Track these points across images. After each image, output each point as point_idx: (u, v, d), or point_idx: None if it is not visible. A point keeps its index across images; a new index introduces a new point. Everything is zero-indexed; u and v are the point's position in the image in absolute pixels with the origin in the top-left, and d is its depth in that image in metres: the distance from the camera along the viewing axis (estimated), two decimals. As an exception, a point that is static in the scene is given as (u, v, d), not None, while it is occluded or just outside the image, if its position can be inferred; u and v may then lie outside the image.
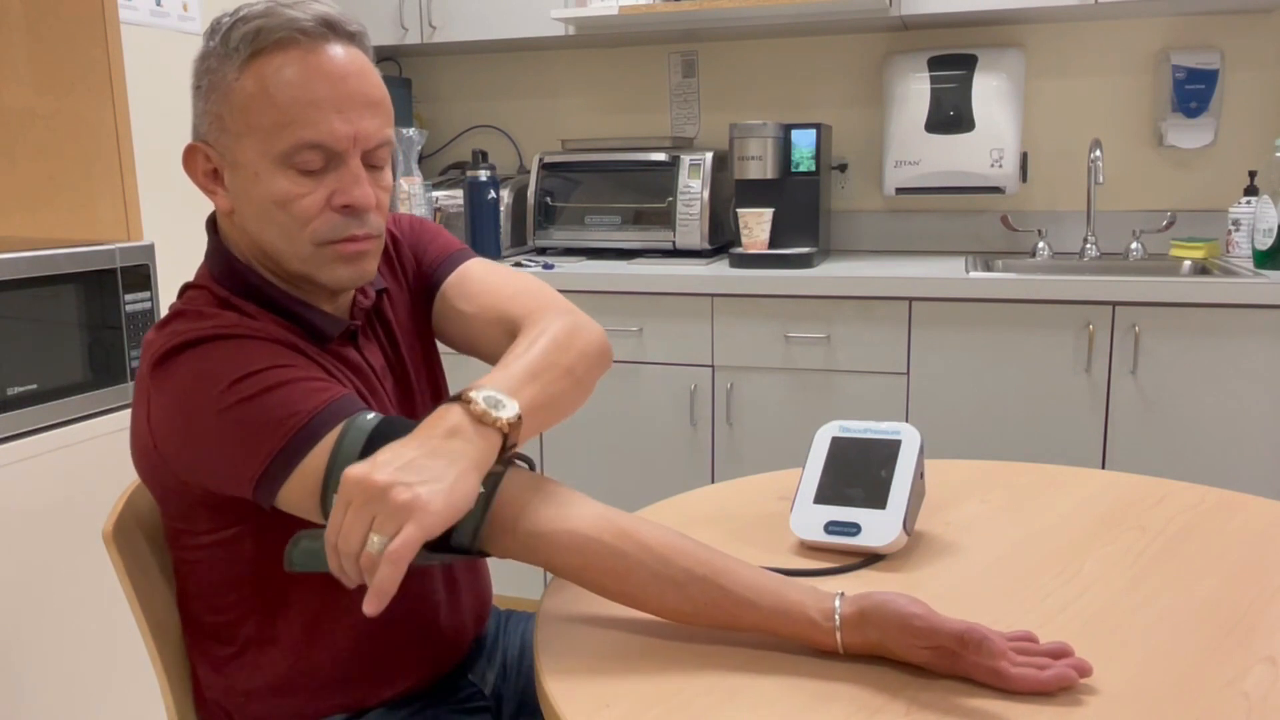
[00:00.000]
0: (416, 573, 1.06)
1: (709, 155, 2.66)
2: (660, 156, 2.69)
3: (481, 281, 1.13)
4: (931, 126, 2.61)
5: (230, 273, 1.01)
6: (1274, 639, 0.89)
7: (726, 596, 0.88)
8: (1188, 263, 2.49)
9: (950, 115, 2.60)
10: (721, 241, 2.75)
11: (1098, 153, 2.54)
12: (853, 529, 1.08)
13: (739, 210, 2.56)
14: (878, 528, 1.08)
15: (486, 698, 1.14)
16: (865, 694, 0.81)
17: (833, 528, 1.09)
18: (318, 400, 0.91)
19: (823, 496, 1.12)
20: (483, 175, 2.68)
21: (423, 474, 0.81)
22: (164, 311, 1.99)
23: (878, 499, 1.09)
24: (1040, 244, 2.64)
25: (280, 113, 0.93)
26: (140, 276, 1.80)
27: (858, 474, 1.12)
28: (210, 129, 0.97)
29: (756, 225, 2.53)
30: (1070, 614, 0.95)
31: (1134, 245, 2.59)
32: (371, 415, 0.91)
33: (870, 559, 1.08)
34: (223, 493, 0.94)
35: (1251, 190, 2.49)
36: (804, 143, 2.56)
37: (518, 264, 2.63)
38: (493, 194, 2.70)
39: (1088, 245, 2.62)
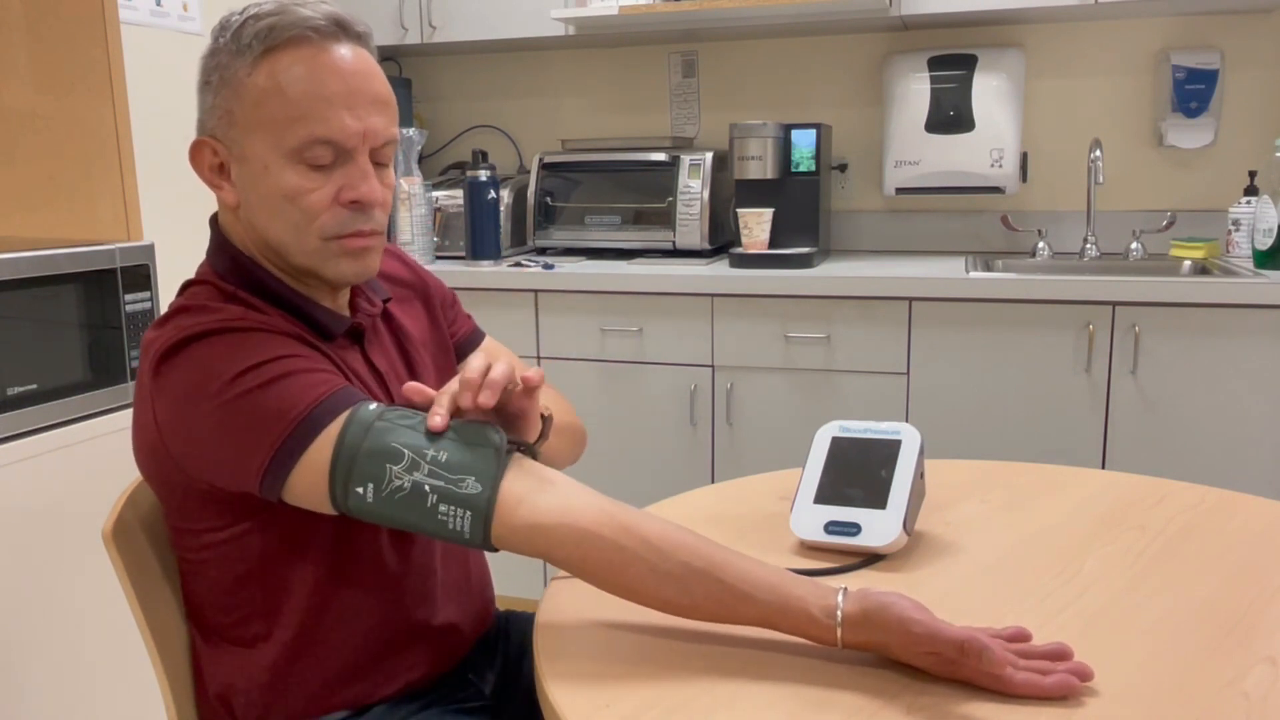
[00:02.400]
0: (420, 572, 1.07)
1: (709, 155, 2.66)
2: (660, 156, 2.69)
3: (504, 353, 1.31)
4: (931, 126, 2.61)
5: (235, 268, 1.02)
6: (1274, 639, 0.89)
7: (725, 590, 0.88)
8: (1188, 263, 2.49)
9: (950, 115, 2.60)
10: (721, 241, 2.75)
11: (1098, 153, 2.54)
12: (853, 529, 1.08)
13: (739, 210, 2.56)
14: (878, 528, 1.08)
15: (487, 697, 1.14)
16: (864, 698, 0.81)
17: (833, 528, 1.09)
18: (319, 392, 0.92)
19: (823, 496, 1.12)
20: (483, 175, 2.68)
21: None
22: (164, 311, 1.99)
23: (878, 499, 1.09)
24: (1040, 244, 2.64)
25: (292, 107, 0.95)
26: (140, 276, 1.80)
27: (858, 474, 1.12)
28: (219, 124, 0.99)
29: (756, 225, 2.53)
30: (1070, 614, 0.95)
31: (1134, 245, 2.59)
32: (374, 406, 0.93)
33: (870, 559, 1.08)
34: (230, 488, 0.94)
35: (1251, 190, 2.49)
36: (804, 143, 2.56)
37: (517, 264, 2.63)
38: (493, 194, 2.70)
39: (1088, 245, 2.62)
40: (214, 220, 1.06)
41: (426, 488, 0.89)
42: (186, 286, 1.04)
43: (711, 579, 0.88)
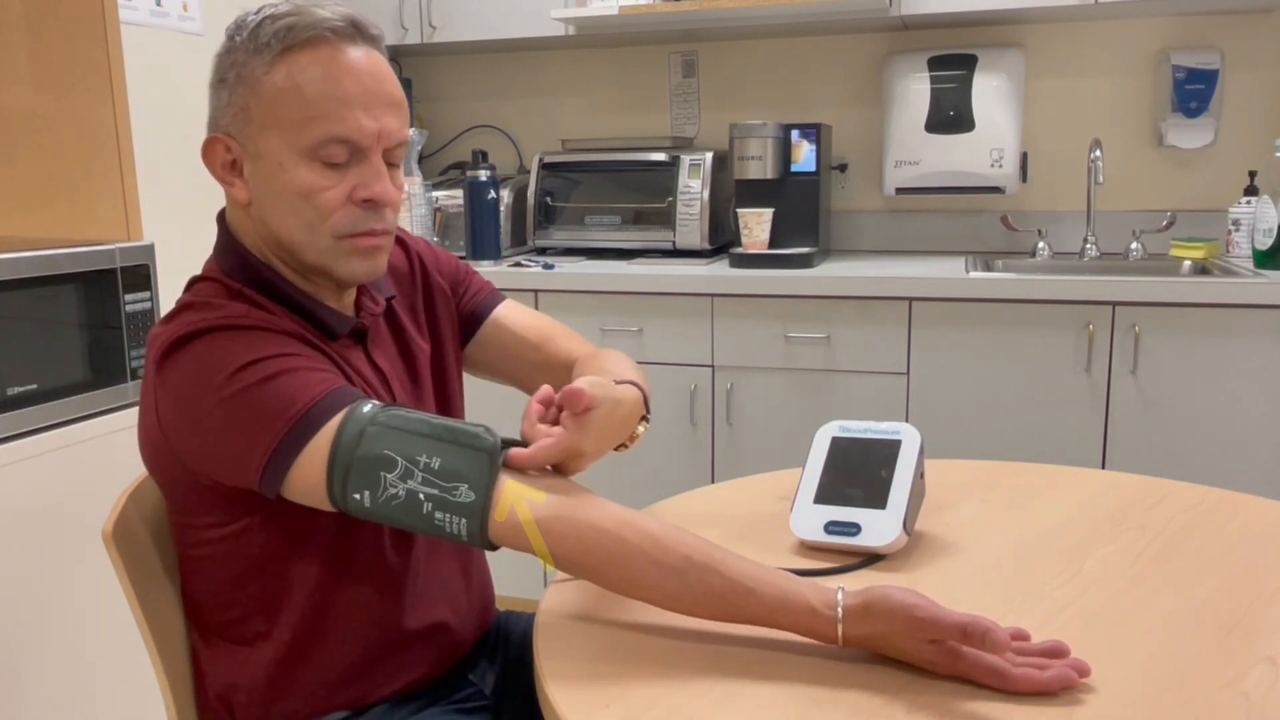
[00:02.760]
0: (420, 572, 1.07)
1: (709, 155, 2.66)
2: (660, 156, 2.69)
3: (530, 313, 1.27)
4: (931, 126, 2.61)
5: (241, 266, 1.02)
6: (1274, 639, 0.89)
7: (726, 584, 0.88)
8: (1188, 263, 2.49)
9: (950, 115, 2.60)
10: (721, 241, 2.75)
11: (1098, 153, 2.54)
12: (853, 529, 1.08)
13: (739, 210, 2.56)
14: (878, 528, 1.08)
15: (487, 697, 1.14)
16: (864, 696, 0.81)
17: (833, 528, 1.09)
18: (317, 390, 0.93)
19: (823, 496, 1.12)
20: (483, 175, 2.68)
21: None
22: (164, 311, 1.99)
23: (878, 499, 1.09)
24: (1040, 244, 2.64)
25: (310, 107, 0.96)
26: (140, 276, 1.80)
27: (858, 474, 1.12)
28: (233, 121, 1.00)
29: (756, 225, 2.53)
30: (1070, 614, 0.95)
31: (1134, 245, 2.59)
32: (369, 406, 0.93)
33: (870, 559, 1.08)
34: (230, 483, 0.95)
35: (1251, 190, 2.49)
36: (804, 143, 2.56)
37: (517, 264, 2.63)
38: (493, 194, 2.70)
39: (1088, 245, 2.62)
40: (221, 217, 1.07)
41: (421, 496, 0.90)
42: (193, 283, 1.04)
43: (713, 573, 0.88)
